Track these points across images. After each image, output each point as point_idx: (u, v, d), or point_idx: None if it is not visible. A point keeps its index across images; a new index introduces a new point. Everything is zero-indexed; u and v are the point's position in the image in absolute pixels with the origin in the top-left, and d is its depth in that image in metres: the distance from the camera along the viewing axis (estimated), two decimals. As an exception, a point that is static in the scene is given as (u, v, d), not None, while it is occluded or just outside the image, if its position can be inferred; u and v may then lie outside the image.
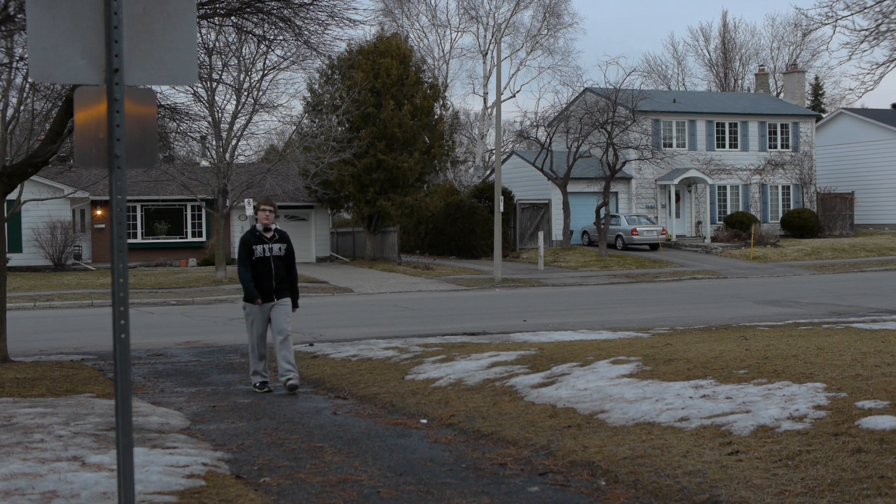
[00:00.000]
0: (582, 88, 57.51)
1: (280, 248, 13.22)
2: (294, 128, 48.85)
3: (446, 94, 58.66)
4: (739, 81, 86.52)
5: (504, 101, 65.38)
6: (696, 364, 11.30)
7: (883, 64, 24.80)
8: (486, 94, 70.38)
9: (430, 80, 53.02)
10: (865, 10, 24.40)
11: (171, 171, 43.60)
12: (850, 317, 20.98)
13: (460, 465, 8.27)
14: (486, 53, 70.01)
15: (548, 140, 50.49)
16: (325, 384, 13.46)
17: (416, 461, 8.39)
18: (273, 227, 13.20)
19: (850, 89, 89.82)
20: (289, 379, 12.95)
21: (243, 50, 37.06)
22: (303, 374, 14.47)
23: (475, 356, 14.07)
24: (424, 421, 10.26)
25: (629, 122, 50.21)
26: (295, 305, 13.41)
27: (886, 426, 7.74)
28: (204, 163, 48.18)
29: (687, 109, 56.77)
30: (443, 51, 72.08)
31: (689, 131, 56.43)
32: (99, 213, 49.03)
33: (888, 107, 67.57)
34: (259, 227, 13.14)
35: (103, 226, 48.64)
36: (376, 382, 13.06)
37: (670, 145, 55.72)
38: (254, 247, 13.04)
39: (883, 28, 24.40)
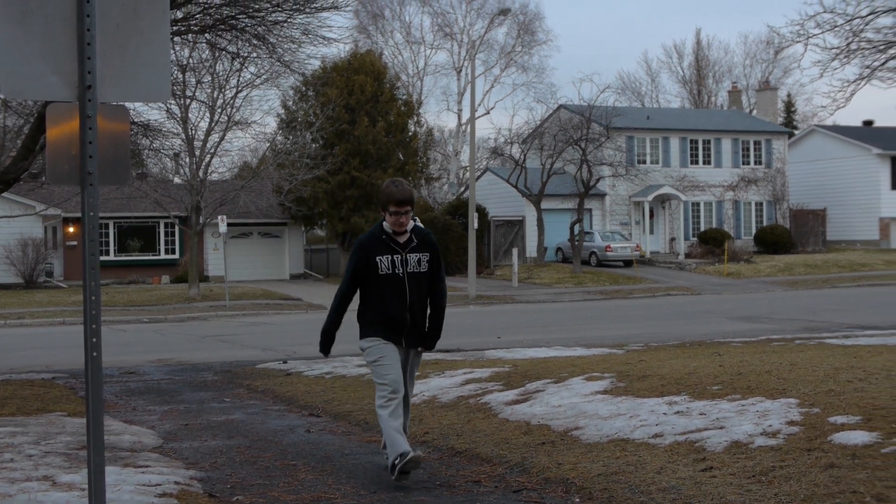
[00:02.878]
0: (556, 105, 57.67)
1: (420, 261, 8.51)
2: (268, 145, 48.84)
3: (420, 110, 58.72)
4: (713, 98, 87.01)
5: (478, 117, 65.55)
6: (670, 380, 11.32)
7: (854, 81, 24.95)
8: (460, 110, 70.54)
9: (404, 97, 53.13)
10: (836, 29, 24.55)
11: (144, 188, 43.47)
12: (823, 332, 21.06)
13: (434, 482, 8.24)
14: (461, 70, 70.18)
15: (522, 157, 50.59)
16: (298, 402, 13.40)
17: (390, 478, 8.36)
18: (409, 229, 8.49)
19: (822, 106, 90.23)
20: (404, 454, 8.09)
21: (217, 67, 37.02)
22: (276, 391, 14.42)
23: (449, 373, 14.05)
24: (398, 438, 10.21)
25: (603, 139, 50.41)
26: (428, 347, 8.78)
27: (858, 441, 7.76)
28: (177, 180, 48.07)
29: (661, 126, 57.05)
30: (417, 68, 72.22)
31: (662, 148, 56.68)
32: (71, 230, 48.80)
33: (860, 124, 68.06)
34: (388, 227, 8.44)
35: (75, 243, 48.40)
36: (350, 400, 13.02)
37: (644, 162, 55.95)
38: (377, 258, 8.39)
39: (853, 46, 24.55)
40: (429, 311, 8.67)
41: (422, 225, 8.71)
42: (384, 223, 8.46)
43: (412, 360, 8.77)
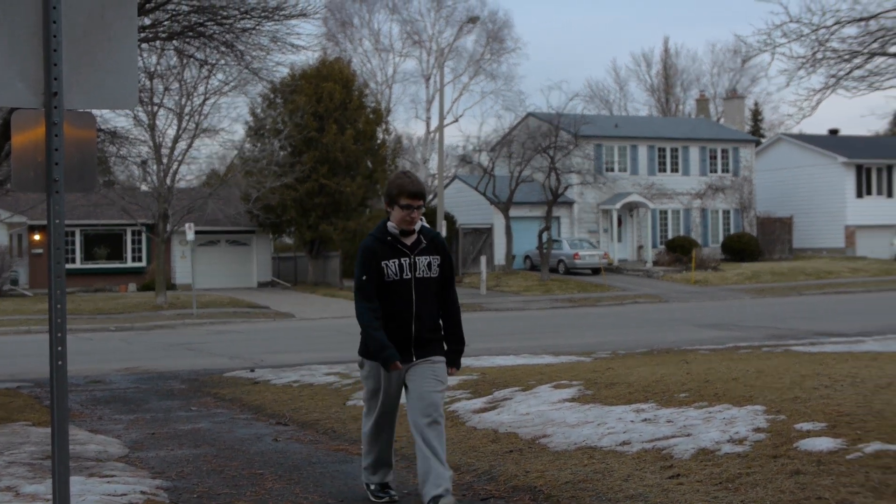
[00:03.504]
0: (525, 113, 57.87)
1: (430, 264, 7.62)
2: (236, 152, 48.69)
3: (389, 118, 58.80)
4: (680, 107, 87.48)
5: (447, 125, 65.49)
6: (638, 388, 11.35)
7: (820, 91, 25.11)
8: (428, 118, 70.55)
9: (372, 105, 53.12)
10: (802, 38, 24.71)
11: (111, 196, 43.24)
12: (790, 340, 21.18)
13: (402, 491, 8.23)
14: (429, 78, 70.22)
15: (490, 165, 50.69)
16: (265, 410, 13.36)
17: (358, 488, 8.34)
18: (417, 228, 7.61)
19: (789, 115, 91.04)
20: (439, 494, 7.27)
21: (185, 74, 36.90)
22: (243, 400, 14.36)
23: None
24: (366, 446, 10.20)
25: (571, 147, 50.53)
26: (454, 364, 7.74)
27: (824, 448, 7.81)
28: (144, 187, 47.85)
29: (629, 134, 57.28)
30: (386, 75, 72.22)
31: (630, 156, 56.90)
32: (37, 237, 48.47)
33: (826, 132, 68.57)
34: (393, 227, 7.54)
35: (41, 251, 48.07)
36: (318, 408, 12.98)
37: (612, 170, 56.14)
38: (383, 262, 7.50)
39: (819, 56, 24.72)
40: (444, 324, 7.75)
41: (428, 225, 7.77)
42: (388, 223, 7.53)
43: (430, 368, 7.57)
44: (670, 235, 56.86)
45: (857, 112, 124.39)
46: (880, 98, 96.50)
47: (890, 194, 60.76)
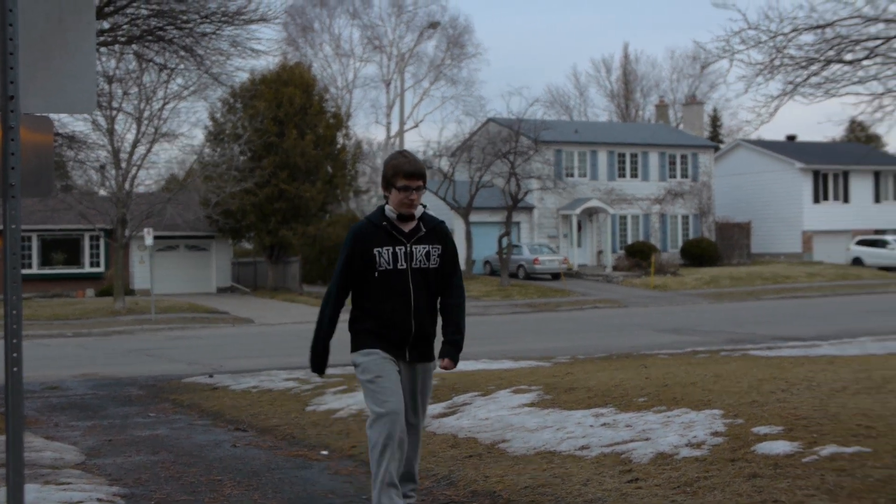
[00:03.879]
0: (485, 118, 57.95)
1: (429, 254, 6.97)
2: (195, 157, 48.49)
3: (349, 123, 58.69)
4: (640, 112, 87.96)
5: (407, 130, 65.63)
6: (597, 392, 11.39)
7: (777, 97, 25.30)
8: (389, 123, 70.60)
9: (333, 110, 53.06)
10: (760, 45, 24.90)
11: (68, 201, 42.93)
12: (747, 344, 21.33)
13: (361, 496, 8.22)
14: (390, 83, 70.28)
15: (451, 170, 50.70)
16: (224, 416, 13.29)
17: (317, 493, 8.32)
18: (418, 214, 6.99)
19: (747, 121, 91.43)
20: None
21: (144, 78, 36.68)
22: (202, 405, 14.29)
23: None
24: (325, 452, 10.18)
25: (532, 152, 50.67)
26: (448, 355, 7.03)
27: (780, 451, 7.87)
28: (103, 192, 47.50)
29: (588, 140, 57.48)
30: (346, 80, 72.20)
31: (590, 161, 57.10)
32: (-6, 242, 47.97)
33: (783, 138, 69.12)
34: (390, 211, 6.92)
35: (-2, 256, 47.56)
36: (277, 414, 12.94)
37: (572, 175, 56.32)
38: (376, 249, 6.84)
39: (777, 63, 24.92)
40: (443, 313, 7.06)
41: (432, 213, 7.13)
42: (386, 207, 6.92)
43: (421, 379, 7.06)
44: (630, 240, 57.10)
45: (814, 119, 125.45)
46: (837, 105, 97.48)
47: (846, 200, 61.34)
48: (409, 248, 6.86)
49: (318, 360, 7.06)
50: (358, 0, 70.85)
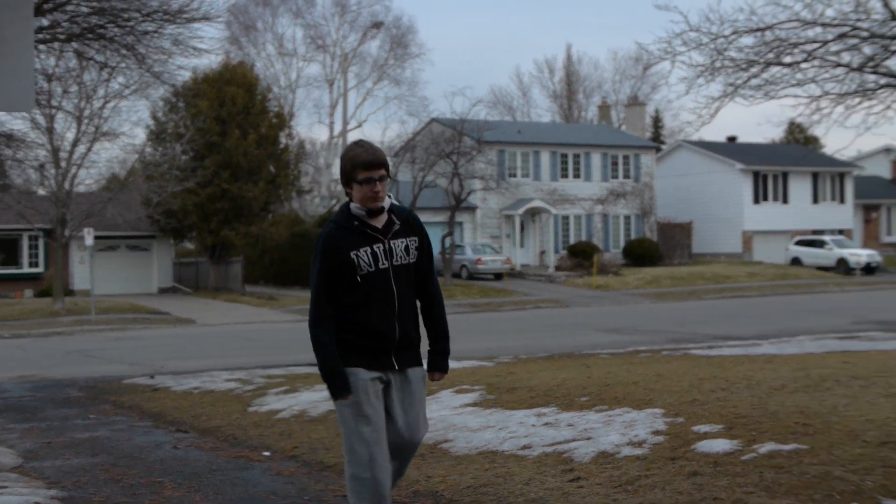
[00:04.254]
0: (428, 119, 57.99)
1: (408, 248, 6.34)
2: (137, 156, 48.06)
3: (292, 123, 58.44)
4: (583, 113, 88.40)
5: (350, 130, 65.45)
6: (539, 392, 11.43)
7: (718, 98, 25.50)
8: (332, 123, 70.34)
9: (276, 109, 52.80)
10: (701, 47, 25.10)
11: (6, 200, 42.42)
12: (688, 343, 21.50)
13: (303, 497, 8.18)
14: (333, 83, 70.00)
15: (394, 170, 50.66)
16: (165, 417, 13.18)
17: (259, 494, 8.28)
18: (386, 206, 6.31)
19: (689, 122, 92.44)
20: None
21: (84, 76, 36.29)
22: (143, 407, 14.16)
23: (319, 387, 13.96)
24: (267, 453, 10.13)
25: (475, 153, 50.76)
26: (438, 367, 6.58)
27: (720, 449, 7.95)
28: (42, 191, 46.97)
29: (531, 140, 57.68)
30: (289, 80, 71.81)
31: (533, 162, 57.29)
32: (-71, 242, 47.31)
33: (724, 139, 69.78)
34: (357, 208, 6.24)
35: (-67, 256, 46.92)
36: (218, 415, 12.86)
37: (515, 175, 56.49)
38: (353, 253, 6.16)
39: (718, 65, 25.13)
40: (423, 317, 6.50)
41: (398, 202, 6.48)
42: (351, 205, 6.24)
43: (417, 387, 6.37)
44: (572, 241, 57.36)
45: (754, 120, 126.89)
46: (776, 107, 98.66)
47: (785, 201, 62.06)
48: (387, 245, 6.21)
49: (343, 382, 6.11)
50: (302, 0, 70.59)
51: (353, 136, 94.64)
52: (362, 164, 6.12)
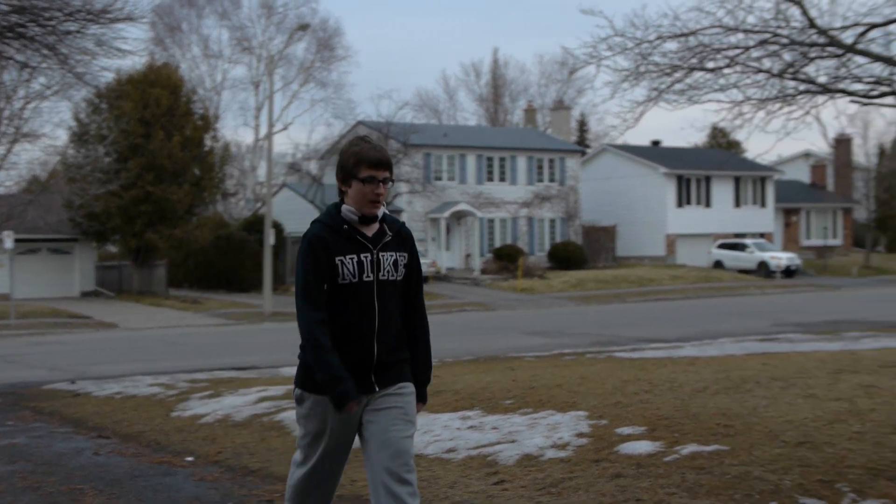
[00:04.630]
0: (354, 121, 57.86)
1: (397, 263, 5.71)
2: (58, 158, 47.40)
3: (217, 125, 57.88)
4: (509, 117, 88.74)
5: (276, 133, 64.89)
6: (464, 395, 11.45)
7: (643, 103, 25.69)
8: (257, 125, 69.88)
9: (201, 111, 52.38)
10: (626, 52, 25.30)
11: (-78, 202, 41.60)
12: (612, 346, 21.67)
13: (227, 502, 8.12)
14: (259, 85, 69.56)
15: (320, 173, 50.50)
16: (86, 423, 13.00)
17: (182, 500, 8.20)
18: (380, 214, 5.69)
19: (614, 126, 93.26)
20: None
21: (4, 76, 35.68)
22: (63, 413, 13.96)
23: (243, 391, 13.89)
24: (190, 458, 10.04)
25: (401, 156, 50.76)
26: (421, 399, 5.85)
27: (643, 451, 8.02)
28: (-41, 193, 46.15)
29: (457, 143, 57.78)
30: (214, 82, 71.27)
31: (459, 165, 57.40)
32: None
33: (648, 143, 70.47)
34: (350, 211, 5.66)
35: None
36: (141, 420, 12.71)
37: (441, 178, 56.56)
38: (338, 259, 5.57)
39: (642, 69, 25.35)
40: (410, 346, 5.80)
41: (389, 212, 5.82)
42: (343, 206, 5.63)
43: (403, 412, 5.61)
44: (498, 244, 57.53)
45: (678, 124, 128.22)
46: (699, 111, 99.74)
47: (708, 204, 62.84)
48: (375, 256, 5.57)
49: (346, 386, 5.42)
50: (227, 1, 70.09)
51: (279, 139, 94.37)
52: (368, 161, 5.53)
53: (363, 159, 5.51)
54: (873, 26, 25.63)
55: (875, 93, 26.35)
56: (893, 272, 60.63)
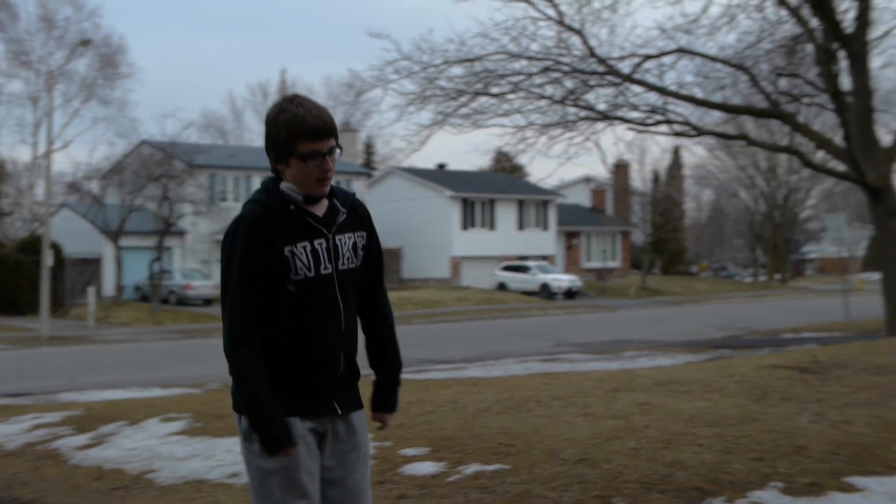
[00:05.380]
0: (138, 141, 56.58)
1: (356, 246, 4.42)
2: None
3: (-9, 141, 55.76)
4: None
5: (56, 151, 63.00)
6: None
7: (428, 126, 26.15)
8: (36, 142, 67.48)
9: (-28, 127, 50.28)
10: (413, 75, 25.67)
11: None
12: (398, 368, 21.70)
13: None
14: (38, 101, 67.26)
15: (101, 193, 49.18)
16: None
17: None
18: (326, 190, 4.30)
19: (400, 149, 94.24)
20: None
21: None
22: None
23: (15, 419, 13.33)
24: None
25: (185, 177, 49.91)
26: (388, 407, 4.86)
27: (427, 471, 8.06)
28: None
29: (244, 164, 57.24)
30: (-11, 96, 68.56)
31: (245, 186, 56.89)
32: None
33: (434, 166, 71.31)
34: (292, 189, 4.26)
35: None
36: None
37: (226, 200, 55.90)
38: (288, 249, 4.19)
39: (428, 93, 25.76)
40: (372, 338, 4.79)
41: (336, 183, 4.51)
42: (283, 184, 4.28)
43: (360, 439, 4.57)
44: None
45: (463, 147, 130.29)
46: (484, 135, 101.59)
47: (492, 227, 64.00)
48: (331, 241, 4.31)
49: (279, 426, 4.18)
50: (3, 12, 67.57)
51: (58, 157, 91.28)
52: (307, 132, 4.15)
53: (299, 131, 4.14)
54: (648, 57, 26.72)
55: (650, 121, 27.44)
56: (668, 293, 63.06)
